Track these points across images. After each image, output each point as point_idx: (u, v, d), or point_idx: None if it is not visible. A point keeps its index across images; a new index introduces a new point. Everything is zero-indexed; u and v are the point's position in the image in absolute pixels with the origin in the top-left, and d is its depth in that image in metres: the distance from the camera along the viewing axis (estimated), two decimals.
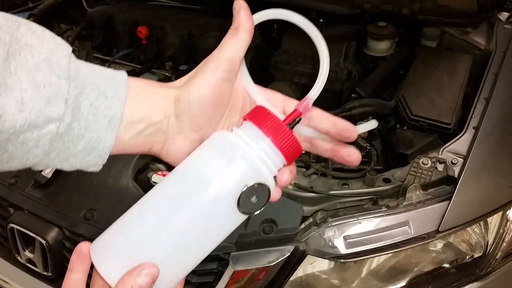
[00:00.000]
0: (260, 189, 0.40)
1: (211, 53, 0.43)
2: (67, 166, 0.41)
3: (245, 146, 0.40)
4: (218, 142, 0.42)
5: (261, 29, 1.39)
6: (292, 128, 0.43)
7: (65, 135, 0.38)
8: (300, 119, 0.44)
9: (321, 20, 1.33)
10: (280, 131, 0.41)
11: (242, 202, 0.40)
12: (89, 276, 0.42)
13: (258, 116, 0.42)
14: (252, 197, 0.40)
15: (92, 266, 0.41)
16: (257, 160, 0.40)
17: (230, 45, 0.42)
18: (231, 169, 0.40)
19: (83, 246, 0.41)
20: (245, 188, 0.40)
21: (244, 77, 0.46)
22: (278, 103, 0.46)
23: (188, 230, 0.40)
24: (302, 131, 0.45)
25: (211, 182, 0.40)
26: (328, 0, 1.26)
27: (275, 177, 0.43)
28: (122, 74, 0.42)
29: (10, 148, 0.36)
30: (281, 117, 0.43)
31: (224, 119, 0.45)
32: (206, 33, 1.38)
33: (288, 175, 0.43)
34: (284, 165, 0.43)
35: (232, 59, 0.42)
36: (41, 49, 0.36)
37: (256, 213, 0.42)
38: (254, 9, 0.44)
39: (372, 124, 0.46)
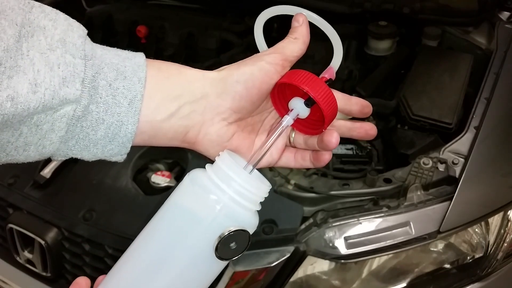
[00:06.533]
0: (237, 234, 0.38)
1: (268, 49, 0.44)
2: (88, 156, 0.39)
3: (217, 190, 0.38)
4: (190, 188, 0.40)
5: None
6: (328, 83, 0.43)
7: (83, 119, 0.36)
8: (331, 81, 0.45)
9: None
10: (317, 86, 0.41)
11: (221, 250, 0.38)
12: None
13: (295, 78, 0.42)
14: (231, 243, 0.38)
15: None
16: (231, 204, 0.38)
17: (288, 48, 0.43)
18: (205, 218, 0.38)
19: (81, 279, 0.42)
20: (221, 237, 0.38)
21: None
22: None
23: (171, 284, 0.39)
24: None
25: (187, 234, 0.39)
26: None
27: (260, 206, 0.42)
28: (140, 56, 0.40)
29: (24, 130, 0.34)
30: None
31: (262, 108, 0.45)
32: (205, 32, 1.38)
33: (334, 135, 0.42)
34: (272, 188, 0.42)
35: (287, 58, 0.43)
36: (55, 30, 0.35)
37: (238, 257, 0.40)
38: (256, 8, 0.44)
39: None
